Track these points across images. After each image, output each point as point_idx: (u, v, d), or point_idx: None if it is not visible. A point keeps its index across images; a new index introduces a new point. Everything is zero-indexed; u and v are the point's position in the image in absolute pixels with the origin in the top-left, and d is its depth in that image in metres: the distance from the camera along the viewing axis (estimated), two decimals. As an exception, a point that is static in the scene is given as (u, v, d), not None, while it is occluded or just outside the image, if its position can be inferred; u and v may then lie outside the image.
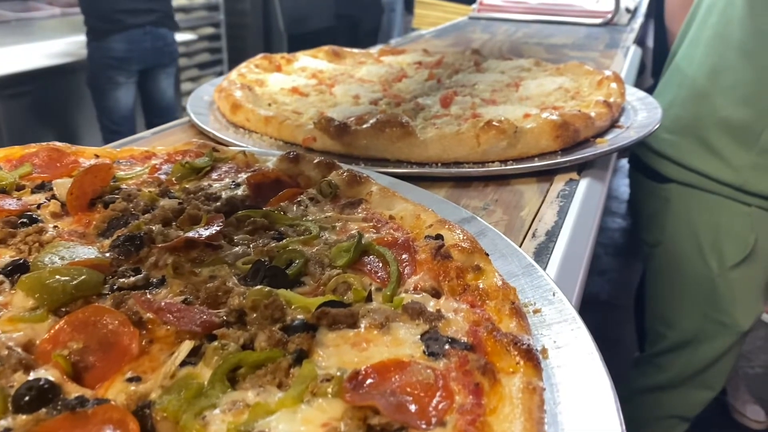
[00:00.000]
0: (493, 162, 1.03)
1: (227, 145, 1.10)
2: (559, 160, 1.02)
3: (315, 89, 1.38)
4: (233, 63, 5.64)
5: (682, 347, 2.23)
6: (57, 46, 4.38)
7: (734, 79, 1.99)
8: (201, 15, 5.33)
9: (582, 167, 1.04)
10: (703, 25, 2.19)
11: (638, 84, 2.51)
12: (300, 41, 5.63)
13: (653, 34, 3.20)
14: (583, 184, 0.99)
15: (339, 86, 1.38)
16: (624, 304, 3.27)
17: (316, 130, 1.07)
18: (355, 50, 1.72)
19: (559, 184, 0.98)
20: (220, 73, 5.31)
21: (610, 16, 2.62)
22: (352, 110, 1.21)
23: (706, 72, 2.11)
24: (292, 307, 0.59)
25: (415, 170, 0.99)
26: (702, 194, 2.12)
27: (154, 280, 0.64)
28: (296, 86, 1.37)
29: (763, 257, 2.06)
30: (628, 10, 2.73)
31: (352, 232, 0.73)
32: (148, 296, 0.61)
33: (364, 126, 1.04)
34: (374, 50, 1.75)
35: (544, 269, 0.73)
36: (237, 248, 0.69)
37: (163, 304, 0.57)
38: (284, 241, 0.71)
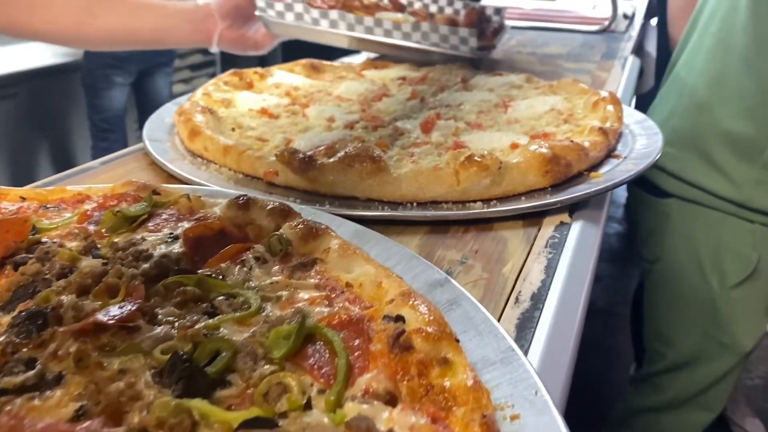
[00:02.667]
0: (474, 201, 0.91)
1: (182, 180, 0.97)
2: (549, 200, 0.90)
3: (287, 110, 1.25)
4: (226, 64, 5.53)
5: (682, 367, 2.14)
6: (47, 46, 4.24)
7: (736, 89, 1.88)
8: (193, 16, 5.19)
9: (574, 207, 0.92)
10: (705, 32, 2.09)
11: (637, 88, 2.40)
12: (295, 42, 5.47)
13: (656, 40, 3.08)
14: (576, 229, 0.87)
15: (313, 107, 1.25)
16: (621, 312, 3.18)
17: (278, 163, 0.94)
18: (336, 63, 1.59)
19: (548, 228, 0.86)
20: (213, 75, 5.18)
21: (607, 23, 2.49)
22: (324, 137, 1.09)
23: (707, 81, 2.01)
24: (211, 421, 0.46)
25: (387, 213, 0.87)
26: (703, 210, 2.02)
27: (50, 377, 0.52)
28: (266, 107, 1.24)
29: (767, 276, 1.95)
30: (625, 16, 2.61)
31: (300, 305, 0.61)
32: (35, 402, 0.48)
33: (331, 160, 0.92)
34: (357, 63, 1.62)
35: (527, 349, 0.61)
36: (159, 329, 0.57)
37: (39, 427, 0.44)
38: (216, 319, 0.58)
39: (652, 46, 3.01)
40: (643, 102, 2.76)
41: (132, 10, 1.31)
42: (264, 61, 5.68)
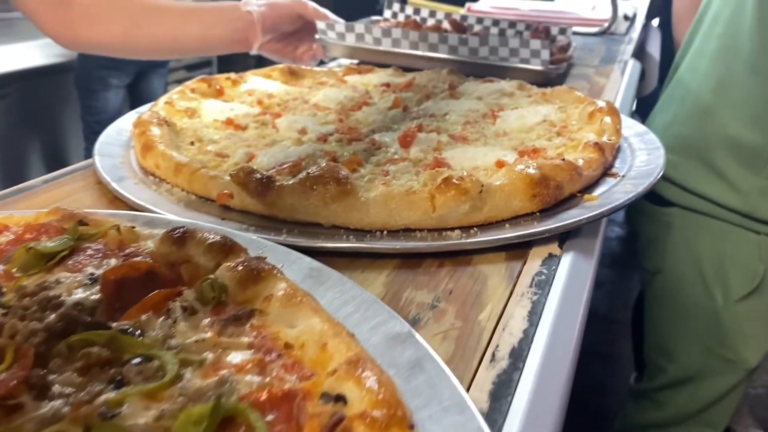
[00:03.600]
0: (452, 229, 0.79)
1: (127, 203, 0.86)
2: (535, 229, 0.78)
3: (256, 120, 1.14)
4: (222, 64, 5.42)
5: (684, 383, 2.05)
6: (40, 46, 4.13)
7: (742, 95, 1.79)
8: (189, 15, 5.07)
9: (565, 236, 0.80)
10: (709, 35, 1.99)
11: (639, 91, 2.29)
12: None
13: (660, 41, 2.96)
14: (566, 263, 0.75)
15: (285, 117, 1.14)
16: (621, 318, 3.10)
17: (233, 184, 0.83)
18: (317, 68, 1.48)
19: (534, 262, 0.75)
20: (209, 74, 5.06)
21: (606, 24, 2.37)
22: (291, 152, 0.98)
23: (711, 87, 1.91)
24: None
25: (352, 245, 0.75)
26: (706, 220, 1.92)
27: None
28: (233, 117, 1.13)
29: (773, 290, 1.85)
30: (626, 18, 2.48)
31: (226, 372, 0.50)
32: None
33: (290, 182, 0.80)
34: (339, 68, 1.51)
35: (502, 425, 0.50)
36: (47, 407, 0.46)
37: None
38: (120, 392, 0.47)
39: (654, 48, 2.89)
40: (646, 105, 2.65)
41: (175, 22, 1.34)
42: (262, 62, 5.56)
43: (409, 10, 2.09)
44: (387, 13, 2.13)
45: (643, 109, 2.93)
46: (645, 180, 0.93)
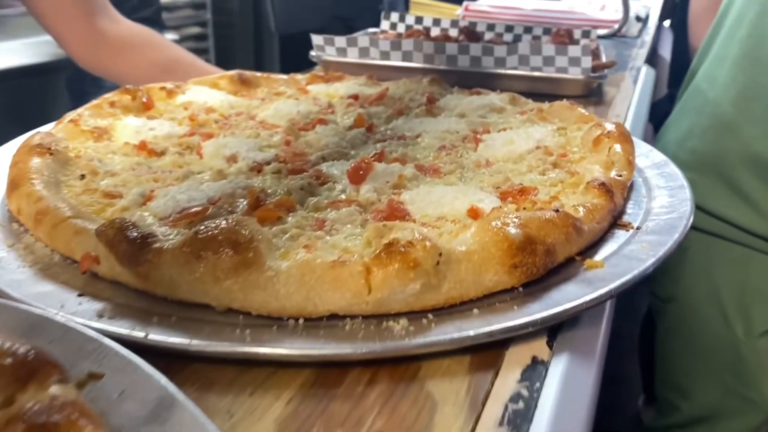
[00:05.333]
0: (397, 317, 0.54)
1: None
2: (513, 323, 0.53)
3: (179, 143, 0.89)
4: (220, 65, 5.16)
5: (698, 423, 1.85)
6: (31, 45, 3.91)
7: (767, 107, 1.52)
8: (186, 14, 4.83)
9: (557, 327, 0.55)
10: (730, 39, 1.74)
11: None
12: (292, 42, 5.10)
13: (672, 44, 2.70)
14: (557, 373, 0.50)
15: (213, 140, 0.89)
16: (629, 335, 2.86)
17: (100, 245, 0.58)
18: (277, 75, 1.23)
19: (511, 373, 0.50)
20: (206, 75, 4.82)
21: (617, 26, 2.10)
22: (203, 190, 0.73)
23: (732, 97, 1.67)
24: None
25: (242, 349, 0.50)
26: (726, 244, 1.70)
27: None
28: (149, 139, 0.88)
29: (800, 324, 1.57)
30: (638, 19, 2.22)
31: None
32: None
33: (168, 245, 0.56)
34: (304, 75, 1.26)
35: None
36: None
37: None
38: None
39: (665, 50, 2.62)
40: (654, 112, 2.40)
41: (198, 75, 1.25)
42: (261, 68, 5.31)
43: (410, 19, 1.82)
44: (384, 24, 1.86)
45: (651, 117, 2.68)
46: (668, 236, 0.67)
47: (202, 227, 0.57)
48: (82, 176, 0.77)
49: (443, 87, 1.21)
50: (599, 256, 0.65)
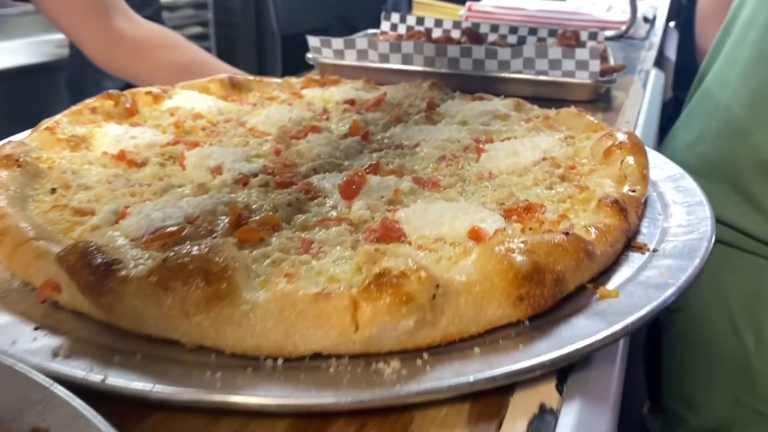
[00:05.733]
0: (387, 358, 0.48)
1: None
2: (518, 366, 0.47)
3: (161, 153, 0.83)
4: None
5: None
6: (31, 45, 3.86)
7: (781, 112, 1.45)
8: (188, 13, 4.77)
9: (567, 368, 0.49)
10: (741, 41, 1.68)
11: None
12: (294, 42, 4.99)
13: (677, 44, 2.63)
14: (567, 422, 0.44)
15: (196, 151, 0.83)
16: (634, 338, 2.79)
17: (61, 271, 0.52)
18: (270, 79, 1.16)
19: (517, 423, 0.44)
20: (208, 75, 4.76)
21: (624, 27, 2.03)
22: (182, 206, 0.67)
23: (744, 101, 1.61)
24: None
25: (205, 397, 0.44)
26: (737, 254, 1.64)
27: None
28: (129, 149, 0.82)
29: (813, 336, 1.50)
30: (646, 20, 2.15)
31: None
32: None
33: (133, 273, 0.49)
34: (299, 79, 1.20)
35: None
36: None
37: None
38: None
39: (671, 51, 2.55)
40: (660, 116, 2.33)
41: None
42: (263, 68, 5.25)
43: (411, 20, 1.75)
44: (385, 25, 1.79)
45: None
46: (688, 261, 0.61)
47: (172, 253, 0.51)
48: (53, 190, 0.70)
49: (444, 92, 1.14)
50: (613, 284, 0.59)
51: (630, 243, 0.66)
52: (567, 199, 0.72)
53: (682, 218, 0.71)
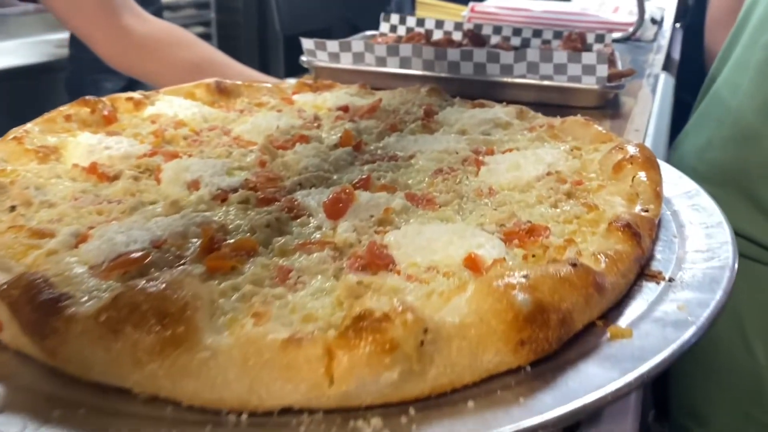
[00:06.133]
0: (367, 414, 0.41)
1: None
2: (520, 426, 0.40)
3: (137, 165, 0.77)
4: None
5: None
6: (31, 45, 3.81)
7: (794, 117, 1.39)
8: (190, 13, 4.72)
9: (574, 425, 0.42)
10: (753, 44, 1.61)
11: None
12: (297, 43, 4.90)
13: (680, 44, 2.55)
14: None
15: (173, 163, 0.77)
16: None
17: (3, 307, 0.46)
18: (260, 84, 1.10)
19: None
20: (210, 75, 4.70)
21: (631, 29, 1.96)
22: (150, 228, 0.60)
23: (756, 106, 1.55)
24: None
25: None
26: (747, 263, 1.56)
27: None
28: (102, 161, 0.76)
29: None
30: (653, 21, 2.07)
31: None
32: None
33: (83, 313, 0.43)
34: (290, 83, 1.13)
35: None
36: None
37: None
38: None
39: (676, 52, 2.47)
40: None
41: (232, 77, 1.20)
42: (266, 69, 5.12)
43: (411, 21, 1.68)
44: (384, 27, 1.71)
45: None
46: (709, 294, 0.54)
47: (127, 288, 0.44)
48: (12, 208, 0.64)
49: (443, 97, 1.08)
50: (625, 320, 0.52)
51: (643, 271, 0.59)
52: (573, 220, 0.65)
53: (701, 242, 0.64)
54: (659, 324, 0.51)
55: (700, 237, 0.65)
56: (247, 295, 0.49)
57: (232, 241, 0.60)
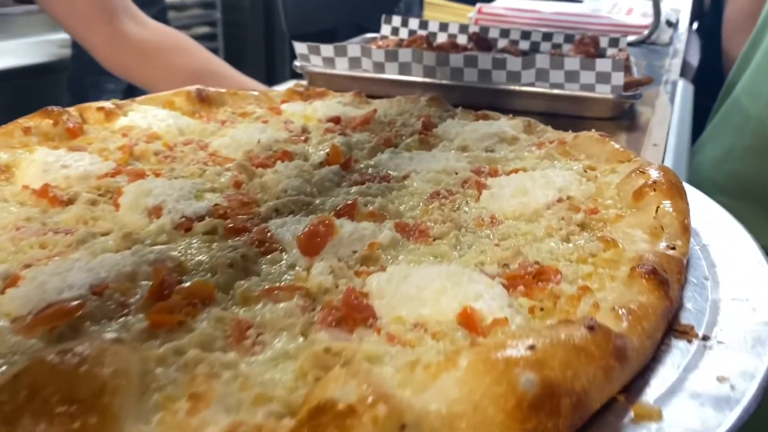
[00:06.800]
0: None
1: None
2: None
3: (95, 187, 0.68)
4: (230, 64, 4.93)
5: None
6: (31, 45, 3.74)
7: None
8: (195, 13, 4.63)
9: None
10: (775, 49, 1.48)
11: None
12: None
13: (699, 48, 2.44)
14: None
15: (137, 184, 0.67)
16: None
17: None
18: (246, 91, 1.01)
19: None
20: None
21: (646, 32, 1.85)
22: (93, 269, 0.51)
23: None
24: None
25: None
26: None
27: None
28: (54, 182, 0.67)
29: None
30: (669, 24, 1.96)
31: None
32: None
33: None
34: (280, 91, 1.04)
35: None
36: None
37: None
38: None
39: (693, 56, 2.36)
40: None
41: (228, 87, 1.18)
42: (272, 69, 5.06)
43: (414, 23, 1.57)
44: (385, 29, 1.60)
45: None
46: (755, 358, 0.45)
47: (32, 363, 0.35)
48: (-63, 241, 0.55)
49: (444, 107, 0.98)
50: (652, 393, 0.42)
51: (671, 325, 0.49)
52: (588, 258, 0.56)
53: (738, 287, 0.54)
54: (696, 401, 0.41)
55: (737, 280, 0.55)
56: (191, 364, 0.40)
57: (188, 284, 0.50)
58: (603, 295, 0.49)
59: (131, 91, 3.52)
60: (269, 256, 0.56)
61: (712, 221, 0.67)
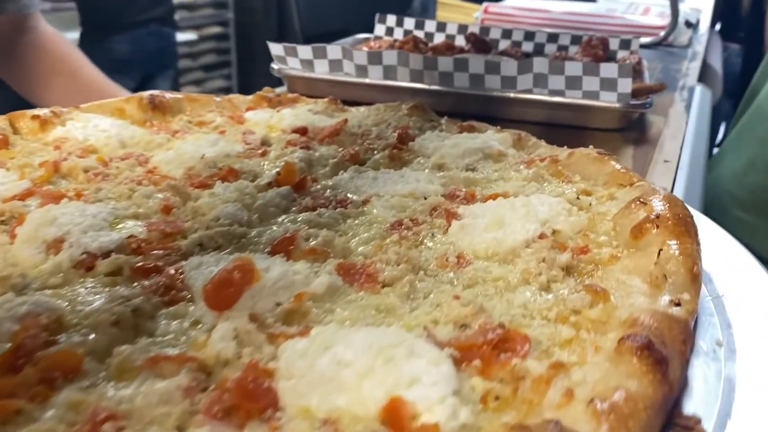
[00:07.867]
0: None
1: None
2: None
3: (-3, 212, 0.57)
4: (242, 65, 4.87)
5: None
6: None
7: None
8: (207, 13, 4.55)
9: None
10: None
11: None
12: (318, 43, 4.65)
13: (722, 52, 2.30)
14: None
15: (41, 213, 0.56)
16: None
17: None
18: (208, 96, 0.90)
19: None
20: (228, 76, 4.54)
21: (663, 33, 1.71)
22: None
23: None
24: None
25: None
26: None
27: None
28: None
29: None
30: (688, 24, 1.82)
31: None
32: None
33: None
34: (247, 97, 0.92)
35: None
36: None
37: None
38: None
39: (716, 59, 2.21)
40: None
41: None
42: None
43: (409, 23, 1.45)
44: (379, 29, 1.48)
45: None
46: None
47: None
48: None
49: (427, 117, 0.86)
50: None
51: (672, 418, 0.37)
52: (570, 317, 0.44)
53: (760, 357, 0.42)
54: None
55: (761, 347, 0.43)
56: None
57: (54, 349, 0.39)
58: (582, 374, 0.37)
59: (140, 90, 3.45)
60: (172, 308, 0.45)
61: (730, 262, 0.55)
